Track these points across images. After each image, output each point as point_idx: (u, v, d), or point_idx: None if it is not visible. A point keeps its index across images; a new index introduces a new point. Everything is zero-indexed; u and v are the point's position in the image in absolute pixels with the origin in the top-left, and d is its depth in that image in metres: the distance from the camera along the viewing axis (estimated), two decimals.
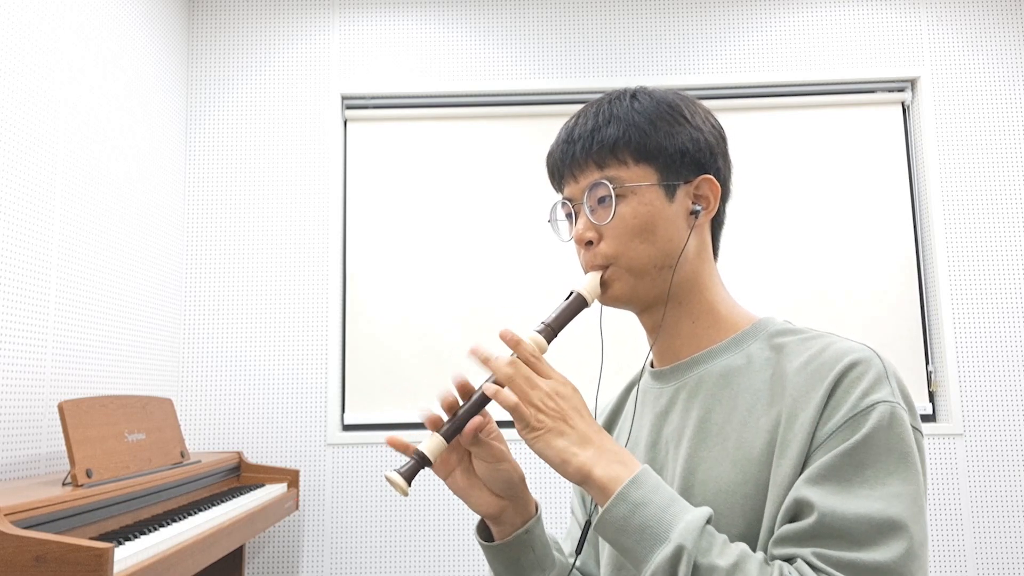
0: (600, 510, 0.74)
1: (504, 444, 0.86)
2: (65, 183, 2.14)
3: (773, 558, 0.72)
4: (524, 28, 3.01)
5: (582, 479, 0.75)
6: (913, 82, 2.97)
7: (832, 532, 0.69)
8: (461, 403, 0.82)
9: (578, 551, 0.90)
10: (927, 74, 2.94)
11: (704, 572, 0.68)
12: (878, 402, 0.73)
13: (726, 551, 0.70)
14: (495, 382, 0.78)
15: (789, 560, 0.71)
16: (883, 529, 0.68)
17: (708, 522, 0.72)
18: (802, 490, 0.72)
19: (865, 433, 0.72)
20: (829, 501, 0.70)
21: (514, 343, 0.79)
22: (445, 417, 0.81)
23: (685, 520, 0.70)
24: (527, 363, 0.78)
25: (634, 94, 0.88)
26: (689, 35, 3.00)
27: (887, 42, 2.97)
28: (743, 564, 0.69)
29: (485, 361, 0.78)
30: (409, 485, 0.75)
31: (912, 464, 0.72)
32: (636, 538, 0.71)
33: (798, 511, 0.72)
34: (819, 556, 0.69)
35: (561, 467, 0.75)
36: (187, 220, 2.89)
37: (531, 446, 0.75)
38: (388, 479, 0.74)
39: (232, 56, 2.98)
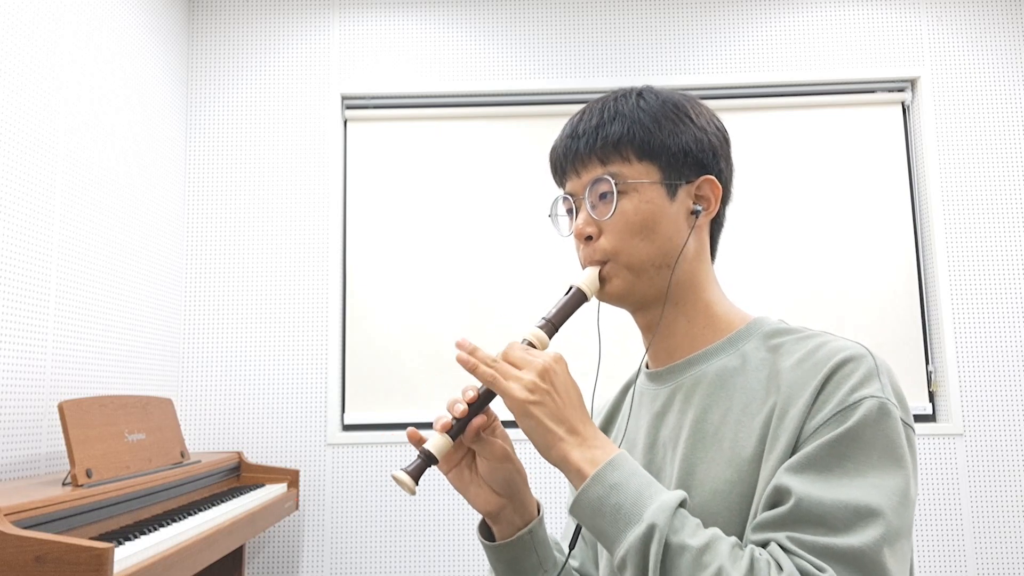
0: (576, 492, 0.74)
1: (508, 443, 0.87)
2: (65, 183, 2.14)
3: (750, 543, 0.72)
4: (524, 28, 3.01)
5: (560, 461, 0.76)
6: (913, 82, 2.97)
7: (807, 517, 0.69)
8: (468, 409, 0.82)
9: (571, 547, 0.90)
10: (927, 74, 2.94)
11: (675, 551, 0.68)
12: (866, 397, 0.73)
13: (699, 532, 0.70)
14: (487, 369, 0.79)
15: (764, 545, 0.71)
16: (859, 515, 0.69)
17: (682, 505, 0.72)
18: (783, 478, 0.72)
19: (850, 426, 0.72)
20: (807, 488, 0.70)
21: (472, 367, 0.78)
22: (453, 421, 0.82)
23: (659, 501, 0.71)
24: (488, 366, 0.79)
25: (640, 92, 0.88)
26: (689, 35, 3.00)
27: (887, 42, 2.97)
28: (714, 544, 0.69)
29: (473, 369, 0.78)
30: (416, 484, 0.75)
31: (896, 459, 0.72)
32: (610, 519, 0.72)
33: (778, 498, 0.72)
34: (793, 540, 0.69)
35: (544, 449, 0.76)
36: (187, 220, 2.89)
37: (519, 424, 0.76)
38: (395, 478, 0.75)
39: (232, 56, 2.98)
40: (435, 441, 0.78)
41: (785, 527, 0.70)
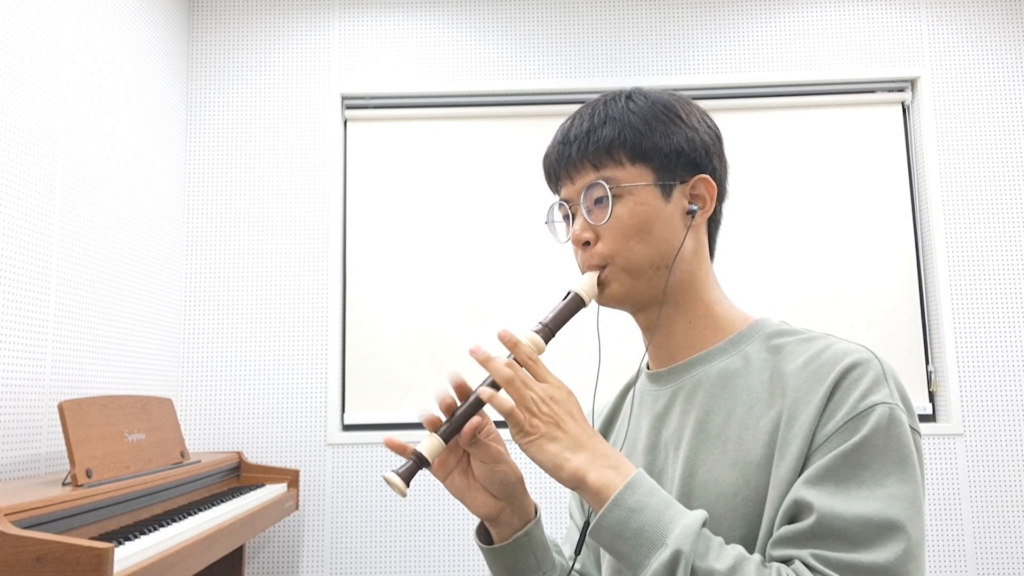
0: (595, 516, 0.73)
1: (503, 445, 0.86)
2: (65, 183, 2.14)
3: (771, 559, 0.72)
4: (524, 28, 3.01)
5: (576, 484, 0.74)
6: (913, 82, 2.97)
7: (830, 533, 0.69)
8: (459, 404, 0.81)
9: (577, 552, 0.90)
10: (927, 74, 2.94)
11: None
12: (877, 404, 0.73)
13: (723, 554, 0.70)
14: (492, 384, 0.78)
15: (787, 561, 0.71)
16: (881, 530, 0.68)
17: (704, 525, 0.72)
18: (801, 491, 0.72)
19: (864, 435, 0.72)
20: (827, 502, 0.70)
21: (512, 344, 0.78)
22: (443, 418, 0.81)
23: (682, 524, 0.70)
24: (524, 365, 0.78)
25: (629, 95, 0.88)
26: (689, 35, 3.00)
27: (887, 42, 2.97)
28: (741, 566, 0.68)
29: (484, 362, 0.78)
30: (407, 486, 0.75)
31: (910, 465, 0.72)
32: (633, 543, 0.71)
33: (797, 512, 0.72)
34: (817, 557, 0.69)
35: (555, 472, 0.75)
36: (187, 220, 2.89)
37: (524, 451, 0.75)
38: (386, 480, 0.74)
39: (232, 56, 2.98)
40: (427, 443, 0.77)
41: (808, 544, 0.70)
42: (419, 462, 0.76)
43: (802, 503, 0.71)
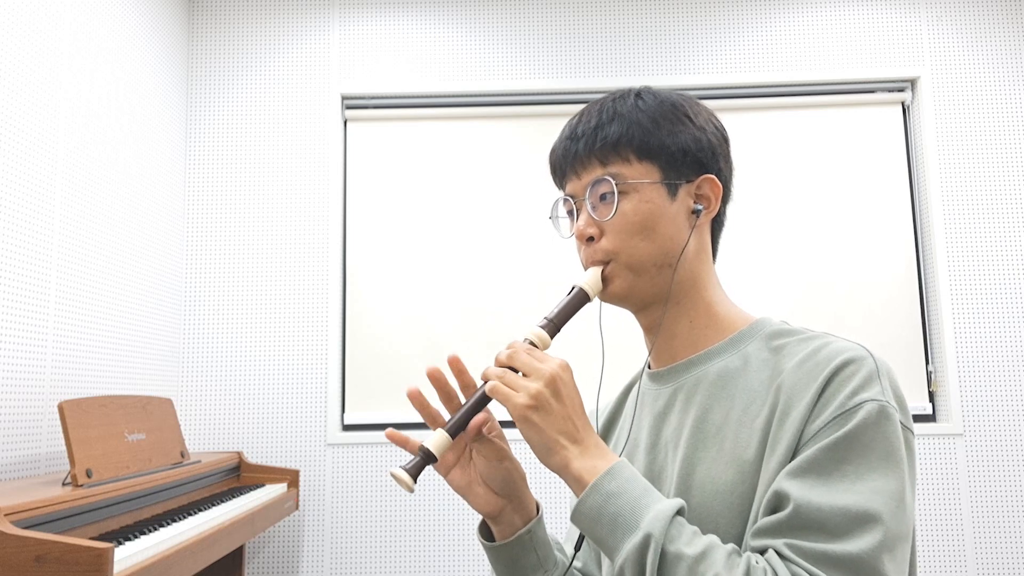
0: (576, 501, 0.75)
1: (505, 442, 0.87)
2: (65, 183, 2.14)
3: (749, 550, 0.72)
4: (524, 28, 3.01)
5: (561, 469, 0.76)
6: (913, 82, 2.97)
7: (806, 523, 0.69)
8: (456, 389, 0.82)
9: (576, 548, 0.90)
10: (927, 74, 2.94)
11: (671, 560, 0.69)
12: (866, 400, 0.73)
13: (695, 541, 0.70)
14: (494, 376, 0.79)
15: (762, 551, 0.71)
16: (857, 521, 0.68)
17: (679, 513, 0.72)
18: (782, 483, 0.72)
19: (849, 429, 0.72)
20: (806, 493, 0.70)
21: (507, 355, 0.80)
22: (440, 406, 0.82)
23: (655, 510, 0.71)
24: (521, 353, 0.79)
25: (638, 93, 0.88)
26: (689, 35, 3.00)
27: (887, 42, 2.97)
28: (710, 553, 0.69)
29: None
30: (415, 482, 0.75)
31: (896, 462, 0.72)
32: (609, 528, 0.72)
33: (777, 503, 0.72)
34: (791, 547, 0.69)
35: (545, 456, 0.76)
36: (187, 220, 2.89)
37: (520, 431, 0.76)
38: (394, 476, 0.75)
39: (232, 56, 2.98)
40: (434, 439, 0.78)
41: (783, 533, 0.70)
42: (426, 458, 0.77)
43: (782, 494, 0.72)
